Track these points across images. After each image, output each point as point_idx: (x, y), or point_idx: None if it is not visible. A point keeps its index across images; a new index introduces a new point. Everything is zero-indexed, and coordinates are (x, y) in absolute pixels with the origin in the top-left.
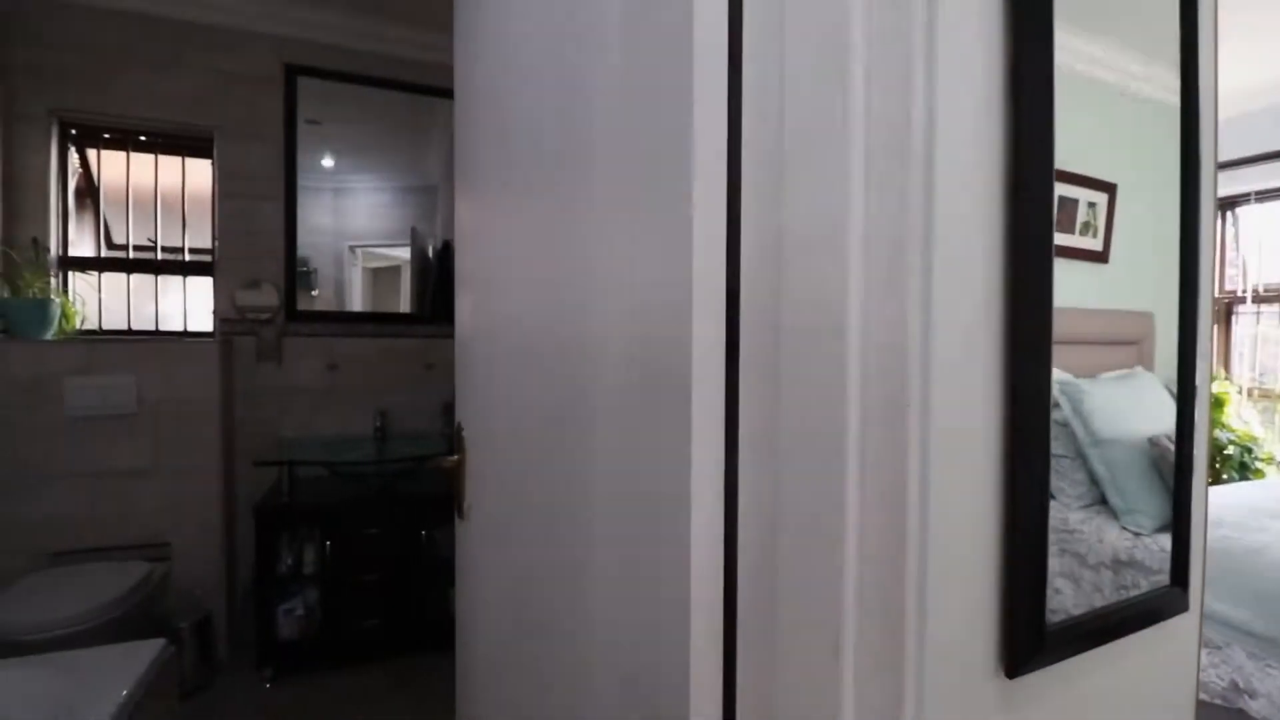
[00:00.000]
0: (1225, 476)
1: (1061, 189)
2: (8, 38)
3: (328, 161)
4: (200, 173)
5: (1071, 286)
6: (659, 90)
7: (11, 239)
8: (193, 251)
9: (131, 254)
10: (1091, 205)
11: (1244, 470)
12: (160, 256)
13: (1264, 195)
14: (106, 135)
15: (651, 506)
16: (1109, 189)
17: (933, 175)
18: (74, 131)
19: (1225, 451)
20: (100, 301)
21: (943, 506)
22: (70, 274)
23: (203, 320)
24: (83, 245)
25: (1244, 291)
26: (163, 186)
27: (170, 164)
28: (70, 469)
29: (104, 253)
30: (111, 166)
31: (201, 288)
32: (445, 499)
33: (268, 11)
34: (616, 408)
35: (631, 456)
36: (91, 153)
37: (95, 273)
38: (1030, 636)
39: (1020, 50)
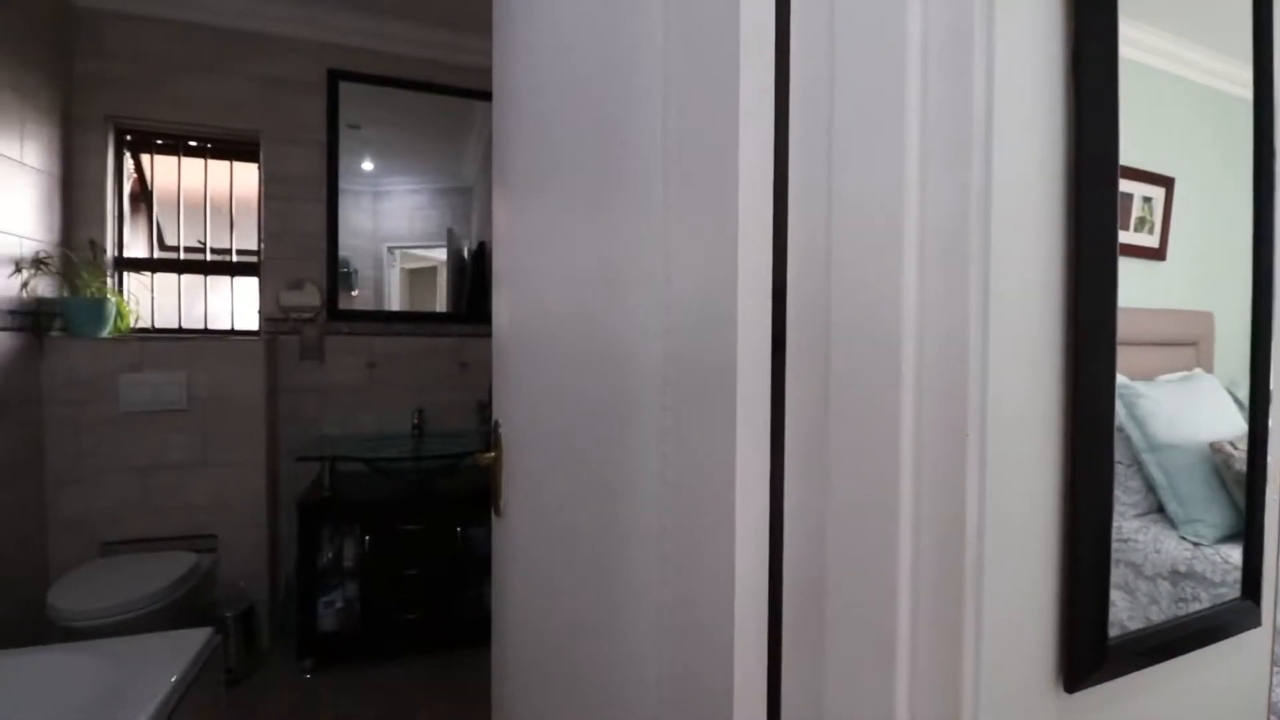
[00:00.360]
0: None
1: None
2: (70, 49)
3: (367, 165)
4: (247, 176)
5: (1127, 285)
6: (702, 79)
7: (70, 240)
8: (240, 253)
9: (182, 255)
10: (1147, 200)
11: None
12: (209, 258)
13: None
14: (159, 141)
15: (693, 507)
16: (1166, 183)
17: (991, 166)
18: (129, 137)
19: None
20: (153, 301)
21: (1001, 513)
22: (125, 274)
23: (249, 319)
24: (136, 247)
25: None
26: (212, 190)
27: (219, 168)
28: (123, 462)
29: (156, 254)
30: (163, 171)
31: (248, 288)
32: (480, 496)
33: (311, 18)
34: (657, 407)
35: (673, 456)
36: (145, 157)
37: (148, 273)
38: (1091, 650)
39: (1083, 31)
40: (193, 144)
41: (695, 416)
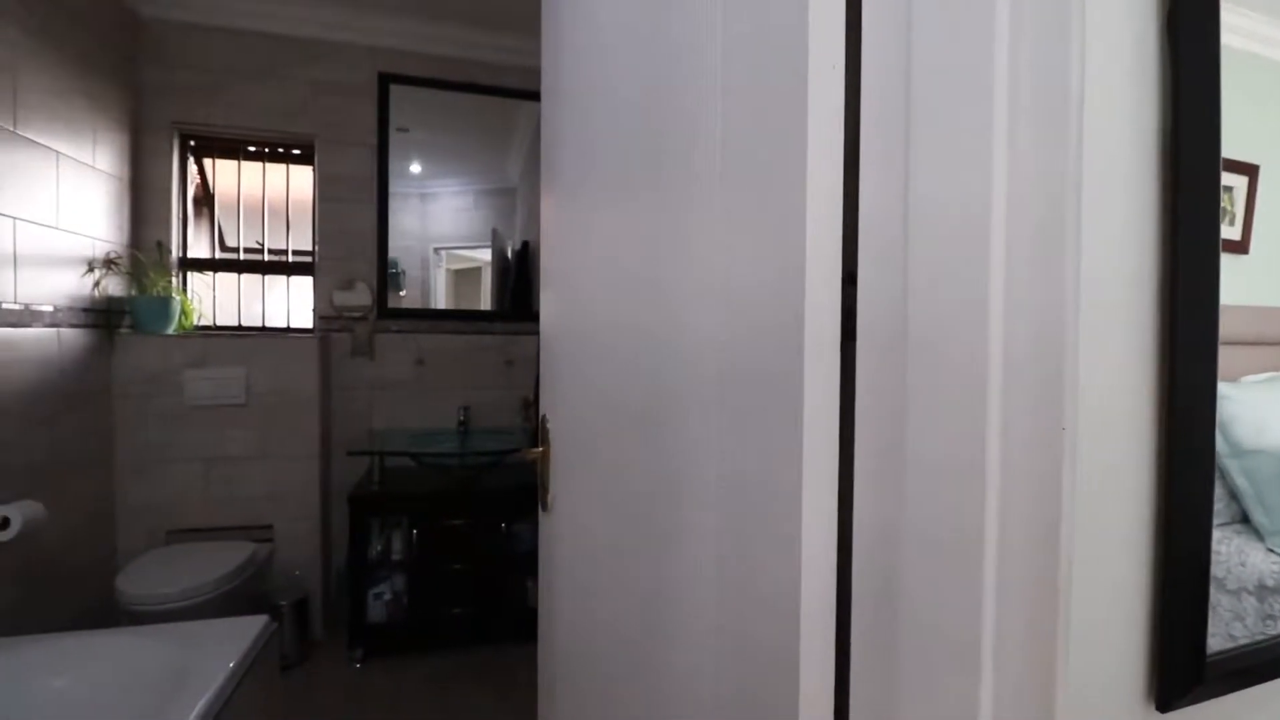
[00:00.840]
0: None
1: None
2: (138, 58)
3: (415, 167)
4: (303, 180)
5: None
6: (766, 51)
7: (138, 241)
8: (295, 253)
9: (242, 255)
10: (1228, 189)
11: None
12: (267, 258)
13: None
14: (220, 145)
15: (755, 510)
16: (1249, 171)
17: (1082, 144)
18: (192, 142)
19: None
20: (214, 299)
21: (1091, 517)
22: (188, 274)
23: (304, 317)
24: (199, 247)
25: None
26: (270, 192)
27: (276, 171)
28: (187, 454)
29: (218, 254)
30: (224, 175)
31: (303, 287)
32: (524, 493)
33: (362, 24)
34: (715, 403)
35: (732, 456)
36: (207, 162)
37: (210, 273)
38: (1187, 668)
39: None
40: (251, 148)
41: (756, 415)
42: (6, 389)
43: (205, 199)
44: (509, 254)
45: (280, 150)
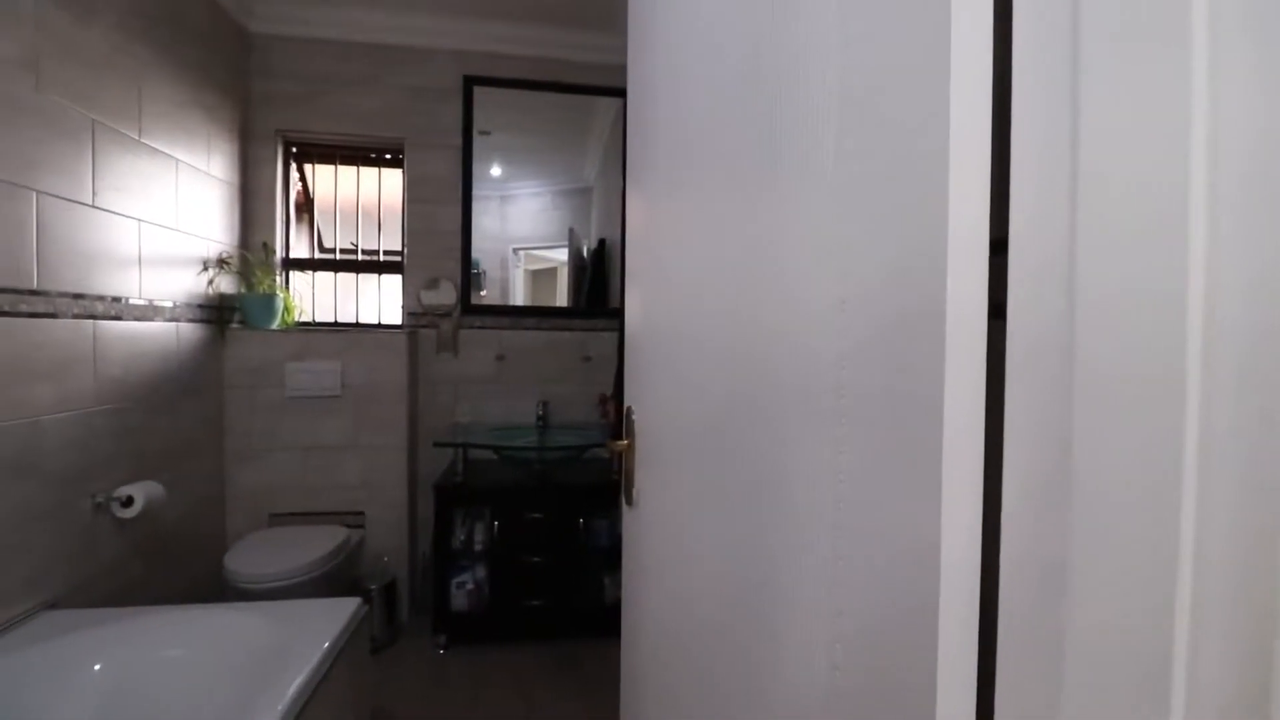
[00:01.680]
0: None
1: None
2: (246, 70)
3: (496, 170)
4: (393, 183)
5: None
6: None
7: (247, 242)
8: (386, 253)
9: (338, 255)
10: None
11: None
12: (360, 258)
13: None
14: (318, 152)
15: (878, 520)
16: None
17: None
18: (294, 149)
19: None
20: (313, 297)
21: None
22: (290, 273)
23: (393, 314)
24: (299, 248)
25: None
26: (362, 196)
27: (369, 175)
28: (288, 442)
29: (316, 255)
30: (322, 180)
31: (393, 285)
32: (602, 489)
33: (449, 29)
34: (829, 411)
35: (856, 455)
36: (306, 167)
37: (310, 272)
38: None
39: None
40: (346, 153)
41: (887, 407)
42: (133, 379)
43: (305, 204)
44: (584, 252)
45: (372, 155)
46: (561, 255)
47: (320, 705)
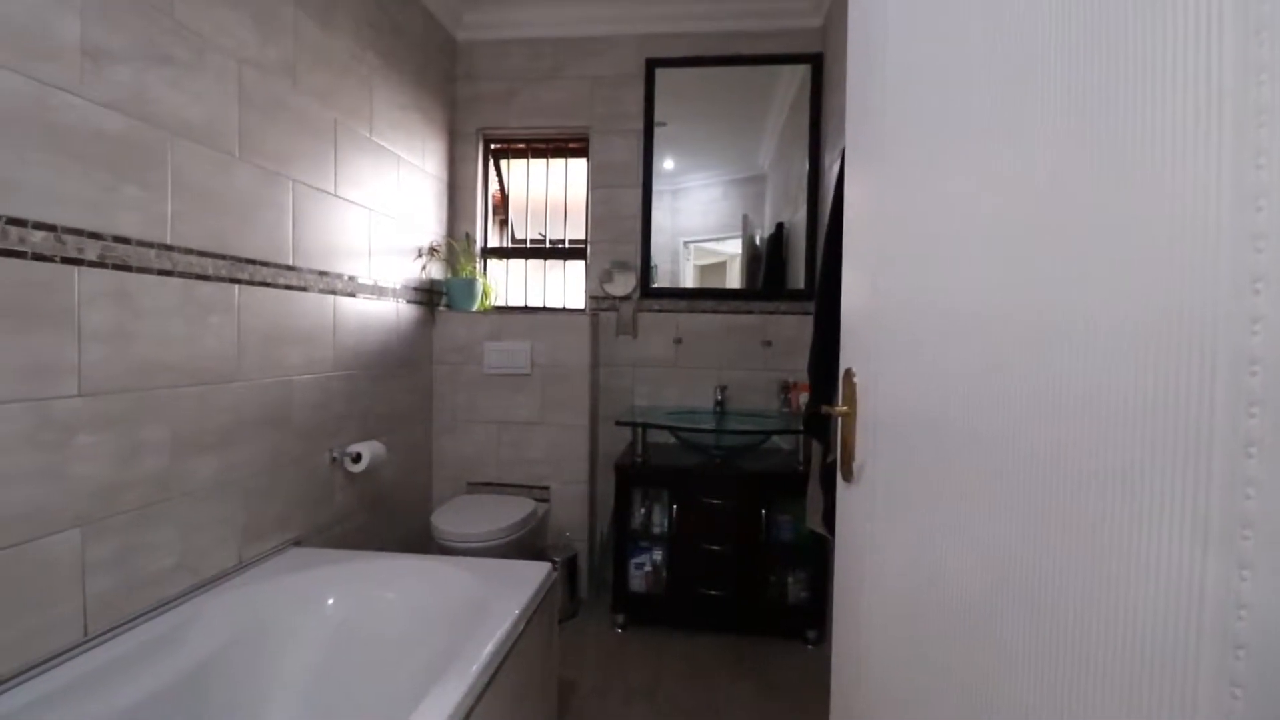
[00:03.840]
0: None
1: None
2: (453, 74)
3: (669, 164)
4: (577, 174)
5: None
6: None
7: (452, 232)
8: (571, 242)
9: (528, 244)
10: None
11: None
12: (548, 245)
13: None
14: (512, 151)
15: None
16: None
17: None
18: (493, 146)
19: None
20: (507, 282)
21: None
22: (488, 261)
23: (576, 298)
24: (495, 238)
25: None
26: (550, 190)
27: (556, 167)
28: (485, 416)
29: (509, 244)
30: (515, 177)
31: (576, 271)
32: (784, 479)
33: (630, 14)
34: (1230, 409)
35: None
36: (502, 164)
37: (503, 259)
38: None
39: None
40: (538, 145)
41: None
42: (365, 349)
43: (501, 200)
44: (758, 240)
45: (562, 145)
46: (730, 248)
47: (518, 658)
